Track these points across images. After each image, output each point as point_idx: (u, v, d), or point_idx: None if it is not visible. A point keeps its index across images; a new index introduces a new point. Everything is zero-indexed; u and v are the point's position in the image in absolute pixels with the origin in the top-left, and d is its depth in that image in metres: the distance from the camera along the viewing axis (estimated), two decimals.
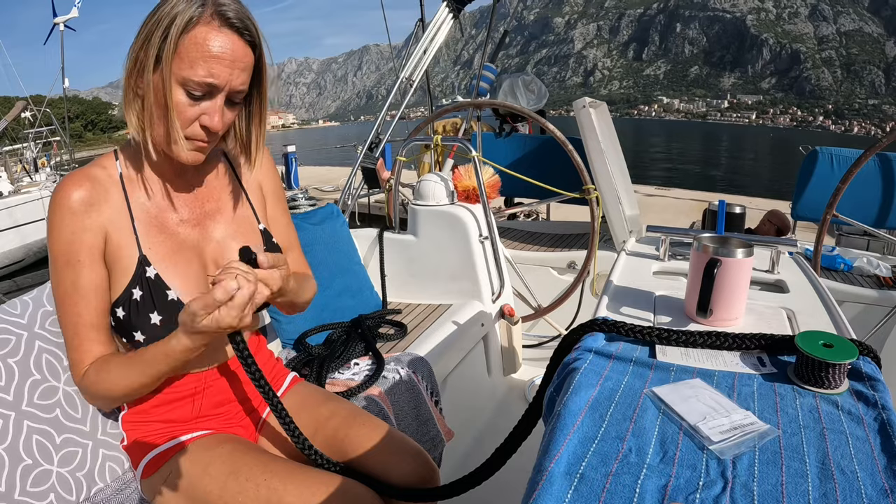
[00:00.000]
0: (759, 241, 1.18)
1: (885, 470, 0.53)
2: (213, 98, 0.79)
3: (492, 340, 2.12)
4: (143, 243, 0.86)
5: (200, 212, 0.93)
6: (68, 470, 1.01)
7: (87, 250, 0.82)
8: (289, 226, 1.09)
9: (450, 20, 2.78)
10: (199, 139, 0.82)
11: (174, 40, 0.74)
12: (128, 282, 0.85)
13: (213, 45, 0.75)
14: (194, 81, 0.76)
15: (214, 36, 0.75)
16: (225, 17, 0.76)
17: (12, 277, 7.75)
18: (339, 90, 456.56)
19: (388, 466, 0.95)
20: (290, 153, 8.11)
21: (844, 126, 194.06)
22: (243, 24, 0.78)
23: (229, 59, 0.77)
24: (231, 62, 0.77)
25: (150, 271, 0.85)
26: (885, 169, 2.70)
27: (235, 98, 0.82)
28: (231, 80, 0.78)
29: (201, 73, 0.76)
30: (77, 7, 12.38)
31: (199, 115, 0.79)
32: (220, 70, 0.76)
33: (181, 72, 0.76)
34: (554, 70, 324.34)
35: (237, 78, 0.79)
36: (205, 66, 0.76)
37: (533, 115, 2.62)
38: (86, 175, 0.85)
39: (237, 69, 0.78)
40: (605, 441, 0.59)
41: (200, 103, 0.79)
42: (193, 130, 0.80)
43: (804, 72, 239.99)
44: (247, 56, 0.79)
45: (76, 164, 11.22)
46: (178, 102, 0.77)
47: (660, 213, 6.57)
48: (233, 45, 0.77)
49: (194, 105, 0.78)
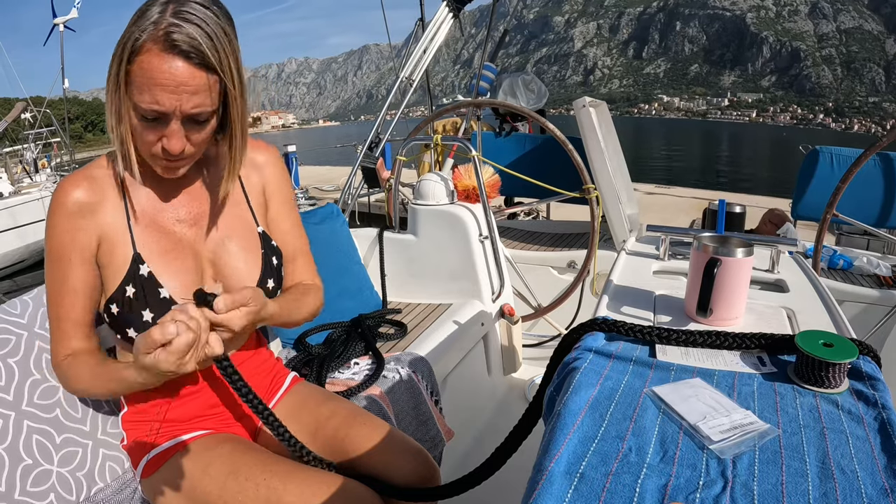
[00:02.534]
0: (759, 241, 1.18)
1: (885, 469, 0.53)
2: (167, 123, 0.77)
3: (492, 340, 2.12)
4: (137, 241, 0.86)
5: (198, 211, 0.93)
6: (68, 470, 1.01)
7: (78, 250, 0.84)
8: (294, 229, 1.06)
9: (450, 19, 2.78)
10: (165, 158, 0.81)
11: (125, 66, 0.74)
12: (121, 279, 0.86)
13: (157, 71, 0.73)
14: (142, 108, 0.75)
15: (157, 63, 0.73)
16: (169, 42, 0.72)
17: (12, 277, 7.76)
18: (339, 90, 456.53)
19: (388, 466, 0.95)
20: (291, 153, 8.11)
21: (845, 124, 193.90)
22: (191, 47, 0.73)
23: (173, 84, 0.73)
24: (175, 87, 0.74)
25: (144, 269, 0.86)
26: (885, 168, 2.70)
27: (198, 118, 0.79)
28: (180, 105, 0.75)
29: (147, 100, 0.74)
30: (77, 8, 12.37)
31: (160, 137, 0.78)
32: (164, 97, 0.74)
33: (132, 97, 0.75)
34: (554, 69, 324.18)
35: (187, 102, 0.75)
36: (150, 93, 0.74)
37: (533, 114, 2.62)
38: (85, 176, 0.86)
39: (185, 94, 0.75)
40: (605, 440, 0.59)
41: (156, 127, 0.77)
42: (157, 151, 0.80)
43: (804, 70, 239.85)
44: (195, 79, 0.75)
45: (76, 165, 11.22)
46: (135, 126, 0.78)
47: (659, 211, 6.57)
48: (176, 70, 0.73)
49: (150, 129, 0.78)
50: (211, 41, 0.75)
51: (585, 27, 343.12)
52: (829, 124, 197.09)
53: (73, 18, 12.13)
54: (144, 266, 0.86)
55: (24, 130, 11.52)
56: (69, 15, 12.12)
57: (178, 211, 0.91)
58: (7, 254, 7.72)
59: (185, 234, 0.91)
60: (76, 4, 12.40)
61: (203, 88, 0.76)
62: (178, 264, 0.89)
